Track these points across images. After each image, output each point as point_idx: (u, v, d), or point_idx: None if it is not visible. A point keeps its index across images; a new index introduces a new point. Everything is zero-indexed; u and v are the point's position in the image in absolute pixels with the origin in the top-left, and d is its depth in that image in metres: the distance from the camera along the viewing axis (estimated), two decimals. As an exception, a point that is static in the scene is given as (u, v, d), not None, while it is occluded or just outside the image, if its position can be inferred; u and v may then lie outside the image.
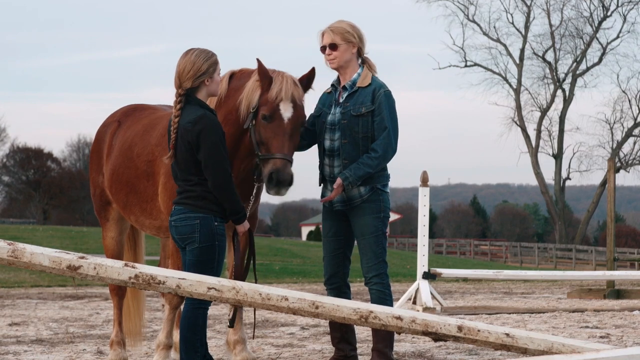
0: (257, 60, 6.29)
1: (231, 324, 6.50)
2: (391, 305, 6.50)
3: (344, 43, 6.57)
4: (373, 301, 6.49)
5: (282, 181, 6.13)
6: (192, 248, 5.99)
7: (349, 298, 6.64)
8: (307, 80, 6.44)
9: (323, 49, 6.63)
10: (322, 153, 6.64)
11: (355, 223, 6.61)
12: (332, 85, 6.75)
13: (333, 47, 6.56)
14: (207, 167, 5.94)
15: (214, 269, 5.94)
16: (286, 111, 6.24)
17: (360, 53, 6.66)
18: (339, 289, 6.73)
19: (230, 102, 6.45)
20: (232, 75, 6.58)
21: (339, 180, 6.42)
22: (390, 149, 6.52)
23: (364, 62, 6.67)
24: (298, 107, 6.31)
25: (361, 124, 6.52)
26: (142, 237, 7.94)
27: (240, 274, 6.31)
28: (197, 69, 6.01)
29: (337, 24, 6.61)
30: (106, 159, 7.42)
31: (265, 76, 6.27)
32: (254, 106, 6.28)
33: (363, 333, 9.25)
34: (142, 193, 6.97)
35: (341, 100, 6.63)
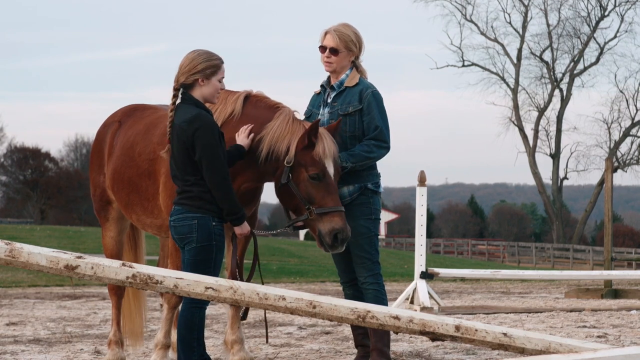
0: (313, 124, 6.21)
1: (244, 316, 6.55)
2: (386, 304, 6.53)
3: (345, 51, 6.61)
4: (369, 300, 6.51)
5: (344, 240, 6.22)
6: (190, 248, 6.01)
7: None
8: (334, 131, 6.44)
9: (323, 48, 6.64)
10: None
11: None
12: (322, 86, 6.81)
13: (334, 51, 6.60)
14: (202, 166, 5.96)
15: (211, 269, 5.96)
16: (330, 168, 6.28)
17: (355, 59, 6.70)
18: (354, 283, 6.77)
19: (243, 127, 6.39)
20: (247, 98, 6.53)
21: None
22: (385, 146, 6.54)
23: (355, 67, 6.70)
24: (337, 162, 6.36)
25: (349, 123, 6.56)
26: (142, 237, 7.96)
27: (236, 277, 6.30)
28: (193, 66, 6.03)
29: (344, 29, 6.62)
30: (107, 159, 7.41)
31: (315, 136, 6.21)
32: (289, 161, 6.24)
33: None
34: (143, 192, 6.98)
35: (329, 101, 6.69)
